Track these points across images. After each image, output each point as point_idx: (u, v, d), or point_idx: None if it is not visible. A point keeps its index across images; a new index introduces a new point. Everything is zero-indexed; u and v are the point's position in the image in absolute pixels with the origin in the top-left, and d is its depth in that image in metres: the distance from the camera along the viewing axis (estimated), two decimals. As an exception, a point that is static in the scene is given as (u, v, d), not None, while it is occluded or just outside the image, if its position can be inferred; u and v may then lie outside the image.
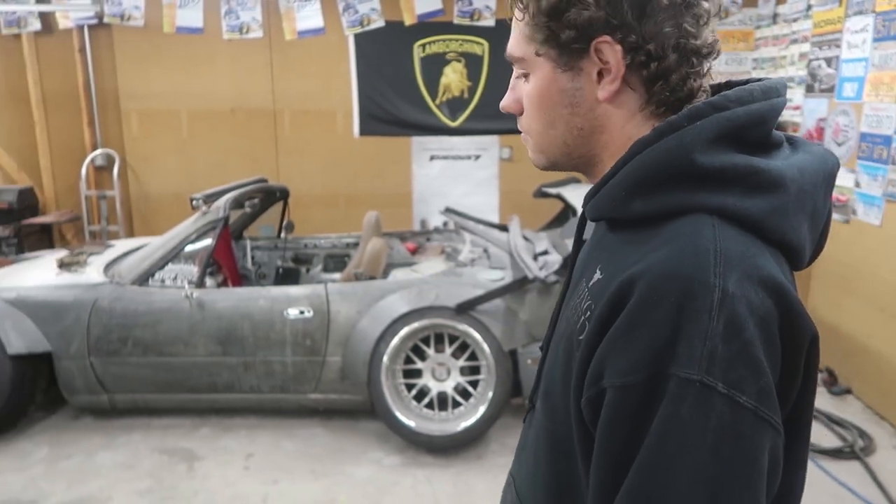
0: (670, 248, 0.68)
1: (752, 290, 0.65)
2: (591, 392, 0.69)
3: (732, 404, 0.62)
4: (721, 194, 0.70)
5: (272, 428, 3.61)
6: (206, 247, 3.65)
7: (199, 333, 3.44)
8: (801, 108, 4.55)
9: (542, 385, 0.86)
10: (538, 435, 0.86)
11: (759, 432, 0.64)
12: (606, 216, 0.79)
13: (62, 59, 5.62)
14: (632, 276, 0.67)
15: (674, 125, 0.72)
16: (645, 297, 0.65)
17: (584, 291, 0.78)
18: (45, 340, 3.44)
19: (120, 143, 5.80)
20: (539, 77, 0.80)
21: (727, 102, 0.72)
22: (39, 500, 2.98)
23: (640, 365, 0.64)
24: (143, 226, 5.91)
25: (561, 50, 0.77)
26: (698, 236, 0.68)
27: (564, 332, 0.79)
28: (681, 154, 0.70)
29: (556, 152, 0.84)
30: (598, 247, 0.83)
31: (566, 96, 0.79)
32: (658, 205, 0.72)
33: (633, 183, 0.73)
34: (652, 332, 0.64)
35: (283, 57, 5.65)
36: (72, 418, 3.72)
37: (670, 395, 0.63)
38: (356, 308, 3.43)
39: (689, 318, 0.63)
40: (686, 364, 0.63)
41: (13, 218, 5.43)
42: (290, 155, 5.84)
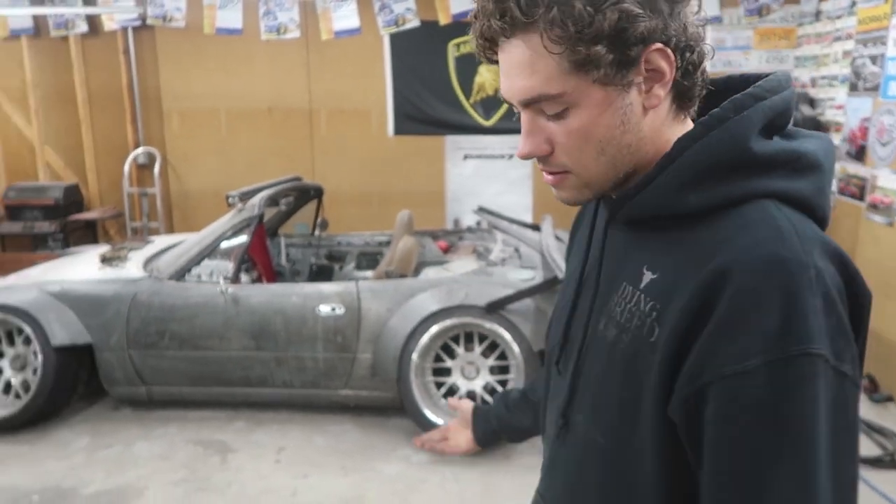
0: (754, 235, 0.68)
1: (829, 264, 0.69)
2: (687, 390, 0.68)
3: (839, 375, 0.65)
4: (774, 179, 0.73)
5: (303, 423, 3.66)
6: (241, 243, 3.72)
7: (233, 328, 3.51)
8: (844, 107, 4.43)
9: (589, 398, 0.82)
10: (584, 452, 0.83)
11: (856, 399, 0.68)
12: (651, 215, 0.77)
13: (107, 59, 5.79)
14: (723, 266, 0.67)
15: (721, 118, 0.73)
16: (747, 283, 0.65)
17: (637, 294, 0.76)
18: (86, 333, 3.55)
19: (161, 142, 5.95)
20: (590, 105, 0.73)
21: (764, 92, 0.75)
22: (79, 487, 3.08)
23: (755, 349, 0.64)
24: (183, 222, 6.05)
25: (618, 69, 0.71)
26: (773, 219, 0.70)
27: (619, 338, 0.77)
28: (736, 144, 0.72)
29: (603, 179, 0.78)
30: (630, 249, 0.81)
31: (619, 116, 0.74)
32: (716, 196, 0.72)
33: (687, 177, 0.73)
34: (762, 316, 0.64)
35: (319, 57, 5.72)
36: (111, 409, 3.83)
37: (801, 375, 0.64)
38: (387, 306, 3.46)
39: (795, 297, 0.64)
40: (808, 340, 0.64)
41: (59, 214, 5.61)
42: (326, 154, 5.91)
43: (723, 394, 0.65)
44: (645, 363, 0.72)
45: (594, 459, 0.81)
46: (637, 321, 0.75)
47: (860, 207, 4.16)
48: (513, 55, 0.73)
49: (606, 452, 0.79)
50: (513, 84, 0.74)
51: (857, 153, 4.24)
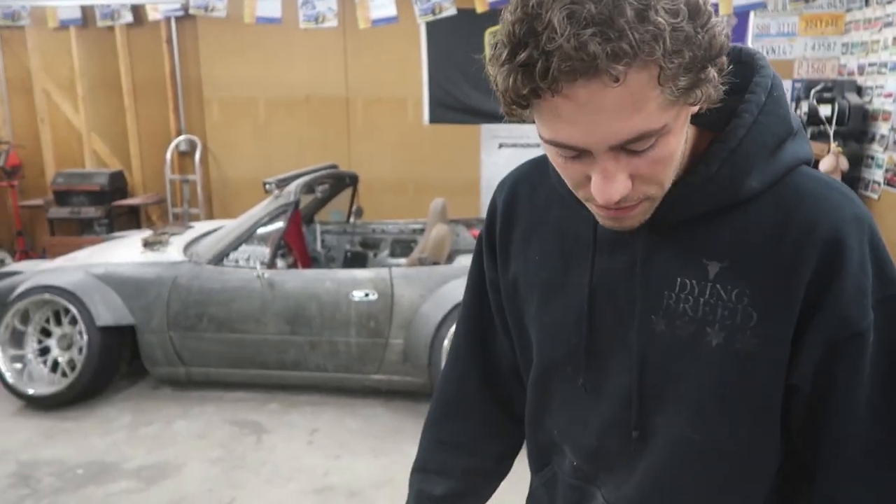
0: (829, 201, 0.73)
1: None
2: (819, 353, 0.73)
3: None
4: (798, 146, 0.77)
5: (336, 406, 3.73)
6: (277, 229, 3.79)
7: (269, 312, 3.58)
8: (893, 95, 4.29)
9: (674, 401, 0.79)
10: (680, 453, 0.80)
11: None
12: (710, 208, 0.75)
13: (151, 49, 5.94)
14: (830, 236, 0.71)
15: (759, 102, 0.75)
16: (853, 245, 0.71)
17: (709, 287, 0.74)
18: (129, 314, 3.67)
19: (202, 130, 6.08)
20: (678, 128, 0.68)
21: (773, 71, 0.79)
22: (121, 462, 3.19)
23: (869, 301, 0.71)
24: (222, 209, 6.18)
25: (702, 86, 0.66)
26: (828, 185, 0.76)
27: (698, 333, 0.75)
28: (785, 123, 0.76)
29: (667, 185, 0.74)
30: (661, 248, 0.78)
31: (681, 130, 0.70)
32: (772, 175, 0.75)
33: (749, 165, 0.74)
34: (866, 269, 0.72)
35: (356, 45, 5.76)
36: (152, 388, 3.96)
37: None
38: (419, 292, 3.49)
39: (878, 246, 0.73)
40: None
41: (104, 199, 5.79)
42: (362, 142, 5.97)
43: (857, 347, 0.72)
44: (748, 347, 0.74)
45: (698, 456, 0.80)
46: (723, 311, 0.74)
47: (907, 199, 4.03)
48: (607, 97, 0.61)
49: (715, 443, 0.78)
50: (602, 129, 0.64)
51: (905, 143, 4.11)
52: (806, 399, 0.75)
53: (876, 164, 4.49)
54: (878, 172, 4.44)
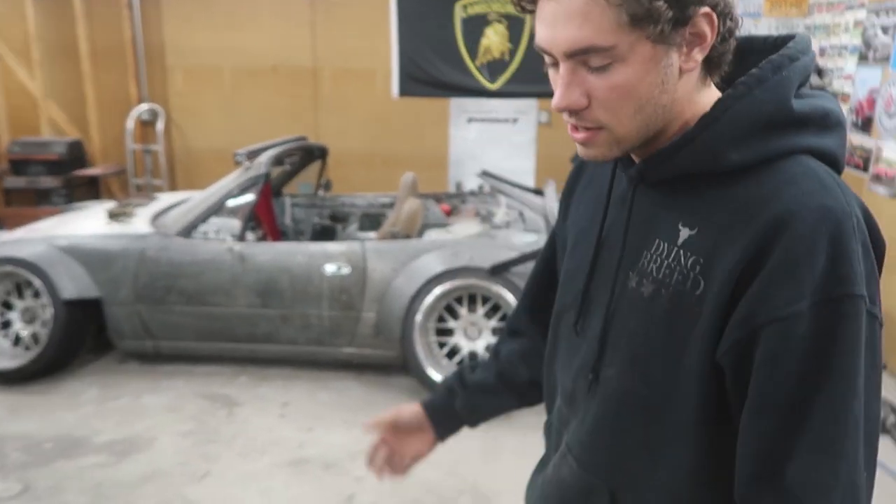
0: (800, 187, 0.72)
1: (861, 213, 0.74)
2: (740, 333, 0.72)
3: (871, 316, 0.71)
4: (808, 135, 0.77)
5: (307, 379, 3.74)
6: (248, 202, 3.74)
7: (239, 285, 3.55)
8: (852, 77, 4.42)
9: (624, 351, 0.84)
10: (620, 402, 0.86)
11: (880, 340, 0.73)
12: (689, 172, 0.79)
13: (110, 14, 5.74)
14: (777, 216, 0.71)
15: (761, 78, 0.75)
16: (800, 231, 0.70)
17: (675, 250, 0.78)
18: (95, 287, 3.60)
19: (165, 99, 5.93)
20: (637, 62, 0.73)
21: (797, 53, 0.78)
22: (91, 436, 3.16)
23: (806, 292, 0.69)
24: (186, 180, 6.06)
25: (672, 27, 0.71)
26: (816, 173, 0.74)
27: (658, 292, 0.79)
28: (778, 103, 0.75)
29: (634, 137, 0.79)
30: (657, 209, 0.82)
31: (660, 75, 0.74)
32: (756, 153, 0.75)
33: (730, 135, 0.75)
34: (814, 261, 0.69)
35: (325, 15, 5.67)
36: (119, 362, 3.90)
37: (845, 314, 0.69)
38: (392, 266, 3.51)
39: (842, 243, 0.69)
40: (853, 283, 0.69)
41: (63, 169, 5.62)
42: (330, 113, 5.90)
43: (775, 334, 0.70)
44: (690, 314, 0.76)
45: (634, 409, 0.84)
46: (678, 276, 0.78)
47: (864, 179, 4.18)
48: (566, 3, 0.71)
49: (647, 400, 0.82)
50: (560, 33, 0.72)
51: (863, 124, 4.25)
52: (728, 382, 0.75)
53: (834, 144, 4.63)
54: (836, 152, 4.58)
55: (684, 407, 0.79)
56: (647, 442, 0.84)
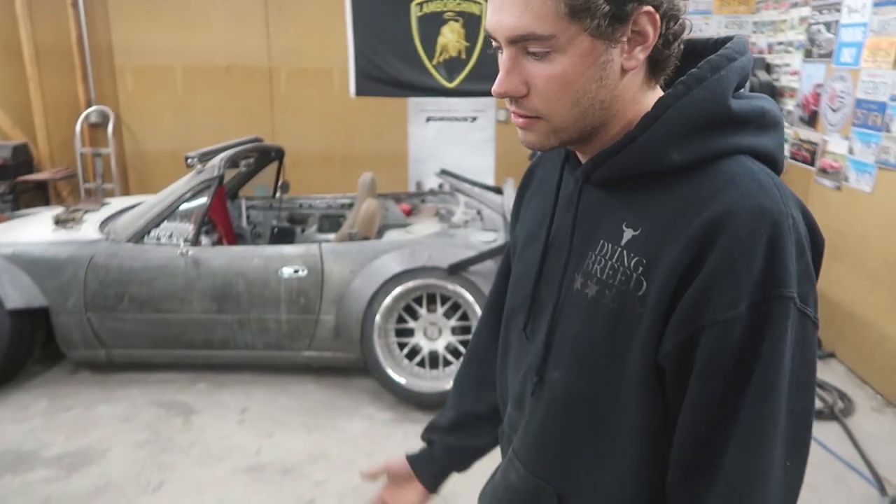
0: (738, 187, 0.72)
1: (798, 213, 0.74)
2: (679, 336, 0.72)
3: (803, 316, 0.72)
4: (747, 135, 0.77)
5: (267, 384, 3.69)
6: (200, 205, 3.67)
7: (194, 290, 3.48)
8: (799, 73, 4.53)
9: (568, 353, 0.84)
10: (565, 404, 0.85)
11: (815, 338, 0.74)
12: (632, 173, 0.79)
13: (55, 13, 5.55)
14: (714, 218, 0.71)
15: (699, 78, 0.76)
16: (737, 233, 0.70)
17: (616, 251, 0.78)
18: (42, 296, 3.49)
19: (115, 100, 5.77)
20: (575, 54, 0.74)
21: (734, 53, 0.79)
22: (40, 450, 3.06)
23: (744, 294, 0.69)
24: (139, 184, 5.91)
25: (609, 21, 0.73)
26: (754, 173, 0.74)
27: (602, 293, 0.79)
28: (716, 102, 0.75)
29: (571, 130, 0.80)
30: (602, 209, 0.82)
31: (598, 70, 0.75)
32: (697, 152, 0.75)
33: (671, 135, 0.76)
34: (750, 263, 0.69)
35: (279, 14, 5.59)
36: (69, 372, 3.79)
37: (775, 317, 0.70)
38: (350, 267, 3.47)
39: (777, 244, 0.70)
40: (784, 284, 0.70)
41: (8, 174, 5.43)
42: (287, 114, 5.82)
43: (714, 336, 0.71)
44: (632, 315, 0.76)
45: (578, 411, 0.84)
46: (621, 276, 0.77)
47: (811, 172, 4.30)
48: None
49: (591, 402, 0.82)
50: (503, 19, 0.74)
51: (809, 119, 4.36)
52: (668, 382, 0.76)
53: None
54: (785, 147, 4.70)
55: (629, 409, 0.79)
56: (593, 444, 0.83)
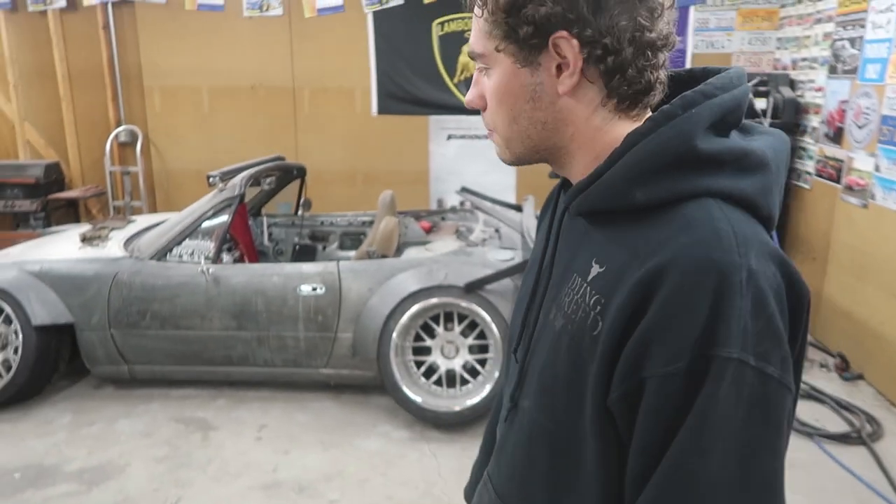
0: (692, 235, 0.69)
1: (767, 265, 0.69)
2: (626, 386, 0.70)
3: (762, 376, 0.67)
4: (719, 177, 0.73)
5: (285, 401, 3.71)
6: (222, 223, 3.72)
7: (214, 308, 3.53)
8: (823, 89, 4.47)
9: (536, 383, 0.84)
10: (530, 434, 0.85)
11: (783, 398, 0.68)
12: (601, 209, 0.78)
13: (87, 35, 5.72)
14: (659, 266, 0.68)
15: (668, 115, 0.74)
16: (679, 284, 0.67)
17: (583, 287, 0.78)
18: (67, 312, 3.56)
19: (143, 120, 5.91)
20: (500, 73, 0.80)
21: (714, 90, 0.75)
22: (62, 464, 3.11)
23: (683, 351, 0.66)
24: (166, 201, 6.03)
25: (520, 45, 0.77)
26: (714, 220, 0.70)
27: (565, 328, 0.79)
28: (682, 141, 0.72)
29: (520, 147, 0.84)
30: (584, 241, 0.82)
31: (527, 91, 0.79)
32: (661, 193, 0.73)
33: (633, 173, 0.74)
34: (691, 317, 0.66)
35: (302, 35, 5.68)
36: (93, 388, 3.86)
37: (712, 376, 0.66)
38: (367, 285, 3.49)
39: (723, 299, 0.66)
40: (726, 344, 0.66)
41: (40, 192, 5.57)
42: (309, 132, 5.90)
43: (654, 390, 0.68)
44: (588, 354, 0.74)
45: (541, 442, 0.83)
46: (582, 313, 0.76)
47: (836, 189, 4.22)
48: (475, 12, 0.81)
49: (553, 435, 0.81)
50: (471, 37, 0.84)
51: (834, 135, 4.29)
52: (619, 426, 0.74)
53: (808, 155, 4.68)
54: (810, 164, 4.63)
55: (588, 446, 0.77)
56: (555, 478, 0.82)
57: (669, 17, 0.77)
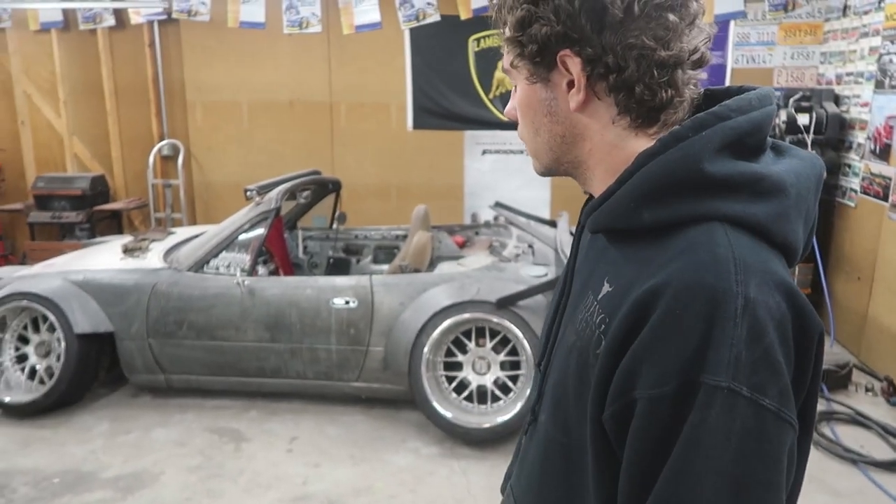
0: (690, 259, 0.69)
1: (770, 294, 0.67)
2: (617, 405, 0.70)
3: (756, 407, 0.65)
4: (729, 201, 0.72)
5: (316, 413, 3.73)
6: (257, 236, 3.78)
7: (249, 319, 3.57)
8: (869, 104, 4.35)
9: (550, 397, 0.85)
10: (546, 448, 0.86)
11: (781, 432, 0.66)
12: (612, 228, 0.79)
13: (133, 53, 5.90)
14: (654, 288, 0.68)
15: (679, 136, 0.73)
16: (671, 307, 0.66)
17: (594, 305, 0.78)
18: (108, 321, 3.65)
19: (185, 134, 6.05)
20: (521, 87, 0.85)
21: (729, 112, 0.74)
22: (98, 471, 3.17)
23: (671, 375, 0.65)
24: (205, 213, 6.15)
25: (531, 62, 0.81)
26: (715, 245, 0.69)
27: (575, 344, 0.80)
28: (689, 164, 0.71)
29: (545, 158, 0.87)
30: (600, 259, 0.83)
31: (544, 106, 0.83)
32: (667, 215, 0.73)
33: (641, 194, 0.74)
34: (681, 341, 0.65)
35: (340, 51, 5.77)
36: (131, 396, 3.93)
37: (699, 403, 0.64)
38: (399, 300, 3.50)
39: (715, 326, 0.65)
40: (714, 371, 0.64)
41: (86, 204, 5.74)
42: (346, 147, 5.96)
43: (643, 411, 0.67)
44: (591, 372, 0.74)
45: (555, 457, 0.83)
46: (589, 331, 0.77)
47: (883, 207, 4.09)
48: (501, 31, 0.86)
49: (566, 449, 0.81)
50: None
51: (881, 152, 4.17)
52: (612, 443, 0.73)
53: (853, 172, 4.55)
54: (855, 181, 4.50)
55: (593, 462, 0.77)
56: (567, 493, 0.82)
57: (694, 35, 0.76)
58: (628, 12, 0.73)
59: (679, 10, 0.75)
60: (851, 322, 4.48)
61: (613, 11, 0.73)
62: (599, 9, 0.74)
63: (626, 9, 0.73)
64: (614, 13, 0.73)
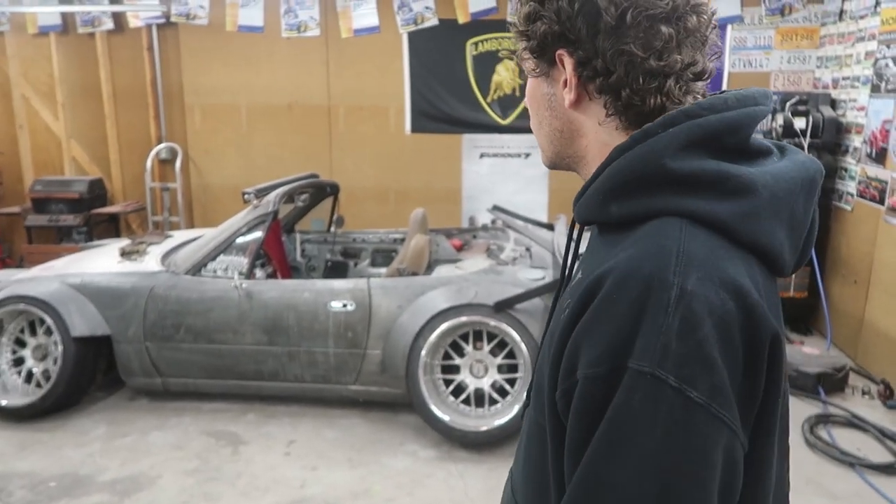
0: (637, 248, 0.71)
1: (713, 290, 0.67)
2: (565, 384, 0.73)
3: (684, 398, 0.65)
4: (692, 198, 0.73)
5: (314, 416, 3.72)
6: (255, 239, 3.78)
7: (246, 322, 3.57)
8: (865, 109, 4.36)
9: (535, 382, 0.88)
10: (530, 430, 0.89)
11: (712, 428, 0.65)
12: (590, 220, 0.83)
13: (132, 56, 5.91)
14: (600, 274, 0.71)
15: (648, 132, 0.75)
16: (609, 292, 0.69)
17: (567, 292, 0.83)
18: (105, 324, 3.65)
19: (183, 137, 6.05)
20: (529, 80, 0.90)
21: (700, 110, 0.75)
22: (95, 475, 3.17)
23: (603, 357, 0.68)
24: (203, 217, 6.15)
25: (534, 57, 0.85)
26: (664, 237, 0.71)
27: (552, 329, 0.83)
28: (652, 159, 0.73)
29: (548, 150, 0.91)
30: (587, 251, 0.88)
31: (545, 100, 0.87)
32: (633, 208, 0.75)
33: (609, 188, 0.77)
34: (613, 326, 0.68)
35: (338, 55, 5.78)
36: (128, 399, 3.93)
37: (624, 386, 0.66)
38: (397, 303, 3.50)
39: (646, 312, 0.66)
40: (640, 357, 0.66)
41: (83, 207, 5.74)
42: (344, 150, 5.97)
43: (579, 393, 0.70)
44: (555, 354, 0.77)
45: (536, 440, 0.86)
46: (558, 316, 0.81)
47: (879, 211, 4.10)
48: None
49: (542, 429, 0.83)
50: None
51: (877, 155, 4.18)
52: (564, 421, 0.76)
53: (849, 175, 4.56)
54: (852, 184, 4.51)
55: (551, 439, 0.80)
56: (543, 474, 0.83)
57: (695, 47, 0.78)
58: (621, 20, 0.76)
59: (674, 23, 0.76)
60: (848, 325, 4.49)
61: (607, 18, 0.76)
62: (595, 14, 0.77)
63: (619, 16, 0.75)
64: (608, 20, 0.76)
